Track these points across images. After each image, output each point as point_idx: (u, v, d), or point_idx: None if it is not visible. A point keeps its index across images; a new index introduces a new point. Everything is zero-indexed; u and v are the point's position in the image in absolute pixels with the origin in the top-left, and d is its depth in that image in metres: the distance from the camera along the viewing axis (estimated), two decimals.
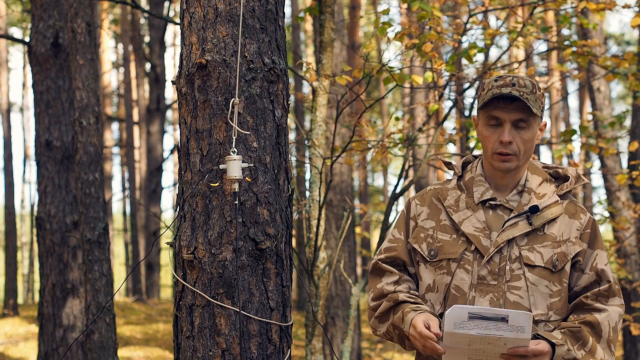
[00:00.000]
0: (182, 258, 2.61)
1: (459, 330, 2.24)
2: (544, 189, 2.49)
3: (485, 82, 2.47)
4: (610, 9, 5.55)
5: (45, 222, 6.52)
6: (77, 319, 6.46)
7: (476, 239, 2.43)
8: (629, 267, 8.98)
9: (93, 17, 5.16)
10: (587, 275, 2.43)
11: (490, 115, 2.43)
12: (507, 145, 2.41)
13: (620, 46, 26.07)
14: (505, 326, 2.22)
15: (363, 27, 21.29)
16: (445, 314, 2.27)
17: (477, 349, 2.27)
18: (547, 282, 2.39)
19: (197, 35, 2.63)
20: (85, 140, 5.01)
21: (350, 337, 5.21)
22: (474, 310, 2.23)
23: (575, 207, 2.49)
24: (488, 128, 2.44)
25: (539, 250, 2.40)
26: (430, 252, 2.48)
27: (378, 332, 2.53)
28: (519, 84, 2.40)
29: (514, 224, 2.42)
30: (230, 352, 2.54)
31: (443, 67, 5.12)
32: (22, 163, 22.90)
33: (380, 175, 29.60)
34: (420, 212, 2.56)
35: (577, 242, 2.43)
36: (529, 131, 2.42)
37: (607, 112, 9.41)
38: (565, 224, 2.45)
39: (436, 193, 2.57)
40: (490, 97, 2.40)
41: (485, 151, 2.48)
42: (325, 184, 5.01)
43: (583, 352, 2.33)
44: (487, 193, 2.48)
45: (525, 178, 2.49)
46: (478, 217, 2.46)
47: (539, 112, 2.42)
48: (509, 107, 2.40)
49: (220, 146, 2.58)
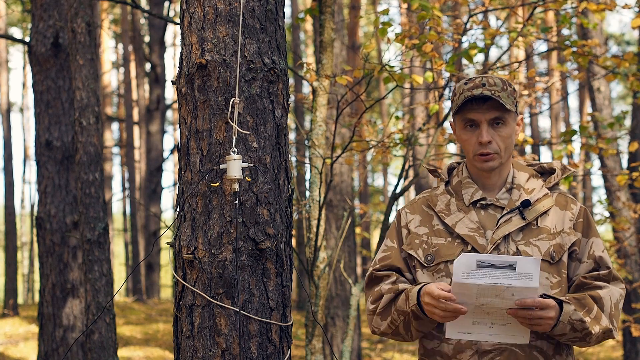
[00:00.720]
0: (182, 258, 2.61)
1: (467, 280, 2.20)
2: (532, 184, 2.51)
3: (456, 86, 2.50)
4: (611, 9, 5.55)
5: (45, 222, 6.52)
6: (77, 319, 6.46)
7: (472, 239, 2.44)
8: (629, 267, 8.98)
9: (93, 17, 5.16)
10: (586, 263, 2.45)
11: (466, 118, 2.45)
12: (486, 145, 2.43)
13: (620, 46, 26.08)
14: (513, 274, 2.19)
15: (363, 27, 21.29)
16: (454, 263, 2.24)
17: (484, 303, 2.24)
18: (547, 274, 2.40)
19: (197, 35, 2.63)
20: (85, 140, 5.01)
21: (350, 337, 5.21)
22: (482, 258, 2.20)
23: (565, 199, 2.51)
24: (466, 131, 2.47)
25: (536, 244, 2.42)
26: (427, 258, 2.48)
27: (381, 328, 2.49)
28: (488, 83, 2.42)
29: (507, 220, 2.44)
30: (230, 352, 2.54)
31: (443, 67, 5.12)
32: (22, 163, 22.91)
33: (380, 175, 29.62)
34: (411, 219, 2.56)
35: (571, 232, 2.45)
36: (507, 128, 2.45)
37: (607, 112, 9.41)
38: (558, 216, 2.47)
39: (426, 200, 2.58)
40: (463, 100, 2.42)
41: (467, 154, 2.51)
42: (325, 184, 5.01)
43: (589, 318, 2.33)
44: (476, 194, 2.50)
45: (512, 175, 2.52)
46: (471, 217, 2.47)
47: (513, 108, 2.44)
48: (482, 107, 2.43)
49: (220, 146, 2.58)
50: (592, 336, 2.34)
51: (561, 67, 6.21)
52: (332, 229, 9.25)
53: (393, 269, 2.54)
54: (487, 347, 2.37)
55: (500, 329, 2.30)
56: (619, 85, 27.29)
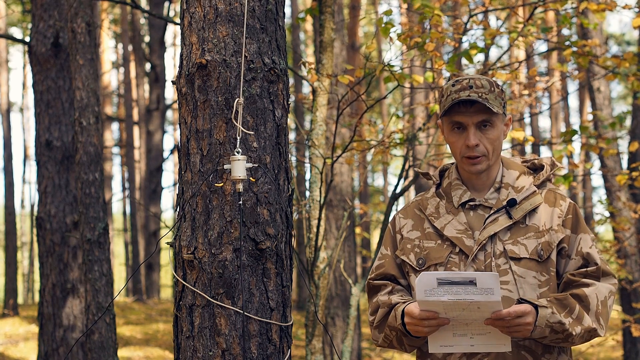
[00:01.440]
0: (182, 258, 2.60)
1: (430, 297, 2.23)
2: (522, 182, 2.50)
3: (444, 87, 2.48)
4: (611, 9, 5.54)
5: (45, 222, 6.52)
6: (77, 319, 6.46)
7: (459, 241, 2.44)
8: (629, 267, 8.98)
9: (93, 17, 5.16)
10: (574, 260, 2.43)
11: (453, 121, 2.45)
12: (474, 148, 2.43)
13: (621, 46, 26.09)
14: (474, 289, 2.20)
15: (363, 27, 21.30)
16: (415, 282, 2.26)
17: (455, 316, 2.26)
18: (534, 273, 2.39)
19: (197, 35, 2.63)
20: (85, 140, 5.01)
21: (350, 337, 5.21)
22: (442, 276, 2.22)
23: (554, 195, 2.49)
24: (453, 134, 2.46)
25: (523, 242, 2.41)
26: (419, 261, 2.49)
27: (378, 341, 2.53)
28: (475, 85, 2.41)
29: (494, 220, 2.44)
30: (230, 352, 2.54)
31: (443, 67, 5.12)
32: (22, 163, 22.91)
33: (380, 175, 29.61)
34: (404, 224, 2.58)
35: (559, 229, 2.43)
36: (494, 130, 2.44)
37: (607, 112, 9.41)
38: (547, 213, 2.45)
39: (418, 204, 2.59)
40: (450, 103, 2.41)
41: (454, 156, 2.51)
42: (326, 184, 5.01)
43: (570, 320, 2.31)
44: (465, 195, 2.50)
45: (500, 174, 2.51)
46: (459, 219, 2.47)
47: (500, 110, 2.43)
48: (469, 110, 2.42)
49: (220, 146, 2.58)
50: (574, 337, 2.33)
51: (561, 67, 6.21)
52: (332, 229, 9.25)
53: (388, 278, 2.55)
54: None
55: (480, 338, 2.31)
56: (619, 85, 27.30)
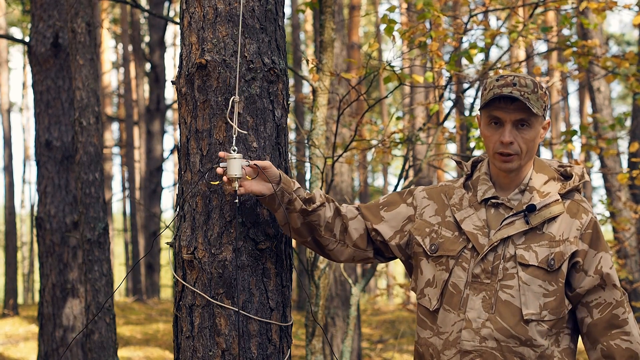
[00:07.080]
0: (182, 258, 2.60)
1: None
2: (548, 188, 2.46)
3: (487, 81, 2.46)
4: (611, 9, 5.55)
5: (45, 222, 6.52)
6: (77, 319, 6.46)
7: (474, 237, 2.43)
8: (629, 267, 8.98)
9: (93, 17, 5.15)
10: (591, 278, 2.39)
11: (491, 115, 2.42)
12: (508, 145, 2.40)
13: (621, 46, 26.09)
14: None
15: (363, 27, 21.28)
16: None
17: None
18: (540, 282, 2.36)
19: (197, 35, 2.63)
20: (85, 140, 5.00)
21: (350, 337, 5.20)
22: None
23: (578, 207, 2.45)
24: (489, 128, 2.44)
25: (535, 249, 2.38)
26: (432, 247, 2.49)
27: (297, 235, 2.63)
28: (519, 83, 2.38)
29: (510, 222, 2.42)
30: (230, 352, 2.54)
31: (444, 67, 5.12)
32: (22, 163, 22.91)
33: (380, 175, 29.62)
34: (427, 205, 2.58)
35: (575, 241, 2.39)
36: (531, 131, 2.41)
37: (607, 112, 9.41)
38: (566, 223, 2.41)
39: (444, 190, 2.59)
40: (491, 97, 2.39)
41: (487, 150, 2.48)
42: (326, 183, 5.01)
43: None
44: (489, 192, 2.48)
45: (529, 177, 2.48)
46: (479, 215, 2.46)
47: (540, 112, 2.40)
48: (509, 107, 2.39)
49: (220, 146, 2.58)
50: None
51: (561, 67, 6.21)
52: None
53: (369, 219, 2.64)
54: (468, 348, 2.38)
55: None
56: (619, 85, 27.28)
